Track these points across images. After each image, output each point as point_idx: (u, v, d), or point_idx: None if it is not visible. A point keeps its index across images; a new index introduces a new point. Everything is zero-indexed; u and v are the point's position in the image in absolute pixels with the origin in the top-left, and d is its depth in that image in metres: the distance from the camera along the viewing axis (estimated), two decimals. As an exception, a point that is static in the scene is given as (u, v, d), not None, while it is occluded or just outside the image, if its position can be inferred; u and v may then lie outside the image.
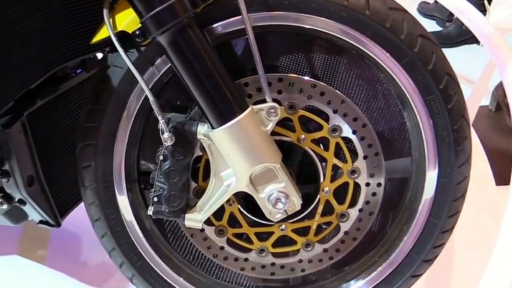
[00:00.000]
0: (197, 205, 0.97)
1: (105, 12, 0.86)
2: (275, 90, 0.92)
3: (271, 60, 0.94)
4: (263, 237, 1.05)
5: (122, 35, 0.86)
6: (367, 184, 1.00)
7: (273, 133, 0.92)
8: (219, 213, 1.00)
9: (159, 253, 1.06)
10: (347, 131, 0.96)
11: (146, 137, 0.99)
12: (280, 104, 0.91)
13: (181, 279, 1.07)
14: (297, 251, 1.06)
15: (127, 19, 0.86)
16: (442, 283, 1.34)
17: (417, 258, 1.03)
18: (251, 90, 0.93)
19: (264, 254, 1.06)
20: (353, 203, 1.02)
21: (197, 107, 0.89)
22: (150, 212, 0.96)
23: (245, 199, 1.01)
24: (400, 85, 0.91)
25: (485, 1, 2.10)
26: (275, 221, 0.96)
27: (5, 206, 1.06)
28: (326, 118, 0.95)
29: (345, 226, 1.04)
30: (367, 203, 1.02)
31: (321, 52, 0.94)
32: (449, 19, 2.96)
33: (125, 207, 1.01)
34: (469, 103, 1.04)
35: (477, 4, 1.69)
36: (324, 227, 1.05)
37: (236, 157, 0.88)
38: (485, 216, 1.49)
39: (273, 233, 1.04)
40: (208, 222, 1.01)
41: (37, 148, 1.06)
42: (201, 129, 0.90)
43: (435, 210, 0.99)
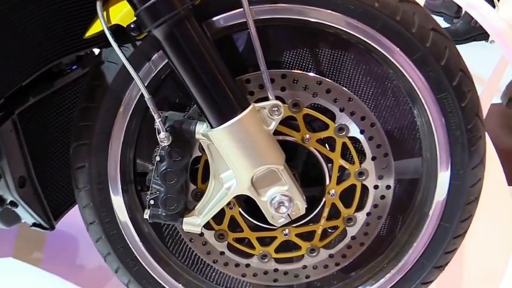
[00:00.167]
0: (195, 208, 0.94)
1: (98, 5, 0.82)
2: (278, 87, 0.90)
3: (274, 56, 0.91)
4: (265, 242, 1.03)
5: (117, 29, 0.83)
6: (376, 187, 0.97)
7: (276, 132, 0.89)
8: (219, 216, 0.97)
9: (156, 258, 1.03)
10: (354, 131, 0.93)
11: (143, 136, 0.96)
12: (283, 102, 0.88)
13: (179, 285, 1.05)
14: (301, 256, 1.04)
15: (122, 12, 0.82)
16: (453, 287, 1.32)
17: (428, 264, 1.00)
18: (253, 87, 0.90)
19: (266, 260, 1.04)
20: (360, 207, 0.99)
21: (196, 105, 0.85)
22: (146, 216, 0.93)
23: (246, 202, 0.99)
24: (411, 81, 0.88)
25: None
26: (278, 226, 0.94)
27: (-4, 208, 1.05)
28: (332, 117, 0.93)
29: (352, 231, 1.01)
30: (375, 206, 0.99)
31: (327, 47, 0.91)
32: (456, 16, 2.97)
33: (121, 210, 0.98)
34: (479, 101, 1.00)
35: (486, 0, 1.66)
36: (330, 231, 1.02)
37: (236, 158, 0.85)
38: (496, 218, 1.46)
39: (276, 237, 1.02)
40: (207, 226, 0.99)
41: (29, 147, 1.04)
42: (200, 128, 0.87)
43: (447, 214, 0.96)
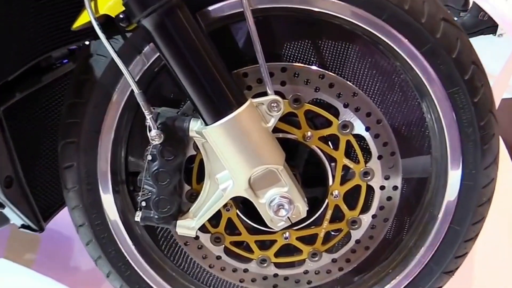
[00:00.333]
0: (190, 210, 0.92)
1: (84, -7, 0.81)
2: (278, 81, 0.88)
3: (274, 48, 0.89)
4: (264, 245, 1.02)
5: (106, 20, 0.81)
6: (382, 187, 0.96)
7: (276, 130, 0.87)
8: (215, 219, 0.96)
9: (149, 262, 1.01)
10: (359, 128, 0.91)
11: (136, 133, 0.94)
12: (283, 97, 0.87)
13: (174, 290, 1.03)
14: (303, 261, 1.02)
15: (110, 2, 0.80)
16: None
17: (437, 269, 0.98)
18: (250, 81, 0.88)
19: (265, 265, 1.02)
20: (365, 209, 0.98)
21: (189, 101, 0.83)
22: (137, 218, 0.91)
23: (244, 203, 0.96)
24: (420, 75, 0.86)
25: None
26: (277, 229, 0.92)
27: (-18, 209, 1.02)
28: (336, 113, 0.91)
29: (356, 234, 0.99)
30: (381, 208, 0.97)
31: (330, 38, 0.89)
32: (463, 9, 2.97)
33: (112, 212, 0.96)
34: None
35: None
36: (333, 235, 1.01)
37: (232, 157, 0.83)
38: (507, 219, 1.47)
39: (276, 241, 1.00)
40: (203, 229, 0.98)
41: (16, 146, 1.01)
42: (194, 125, 0.84)
43: (458, 216, 0.93)
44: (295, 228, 0.98)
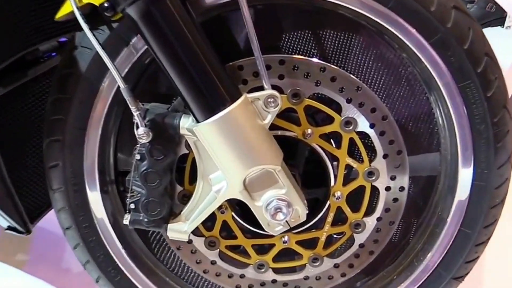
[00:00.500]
0: (182, 213, 0.90)
1: (67, -20, 0.78)
2: (275, 74, 0.86)
3: (271, 39, 0.87)
4: (262, 250, 1.00)
5: (91, 10, 0.78)
6: (388, 189, 0.94)
7: (273, 127, 0.85)
8: (209, 221, 0.94)
9: (140, 266, 0.99)
10: (363, 125, 0.89)
11: (125, 129, 0.92)
12: (281, 92, 0.84)
13: (166, 296, 1.02)
14: (303, 266, 1.01)
15: None
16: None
17: (446, 275, 0.96)
18: (246, 74, 0.86)
19: (263, 270, 1.01)
20: (370, 211, 0.96)
21: (179, 96, 0.80)
22: (126, 221, 0.89)
23: (240, 205, 0.94)
24: (429, 68, 0.83)
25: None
26: (275, 234, 0.89)
27: (-35, 210, 0.99)
28: (338, 109, 0.89)
29: (360, 238, 0.98)
30: (387, 210, 0.95)
31: (332, 28, 0.87)
32: (471, 0, 2.96)
33: (100, 214, 0.94)
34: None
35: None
36: (335, 238, 0.99)
37: (226, 157, 0.80)
38: None
39: (274, 245, 0.99)
40: (197, 232, 0.96)
41: (1, 144, 0.99)
42: (185, 122, 0.81)
43: (468, 218, 0.91)
44: (294, 231, 0.96)
